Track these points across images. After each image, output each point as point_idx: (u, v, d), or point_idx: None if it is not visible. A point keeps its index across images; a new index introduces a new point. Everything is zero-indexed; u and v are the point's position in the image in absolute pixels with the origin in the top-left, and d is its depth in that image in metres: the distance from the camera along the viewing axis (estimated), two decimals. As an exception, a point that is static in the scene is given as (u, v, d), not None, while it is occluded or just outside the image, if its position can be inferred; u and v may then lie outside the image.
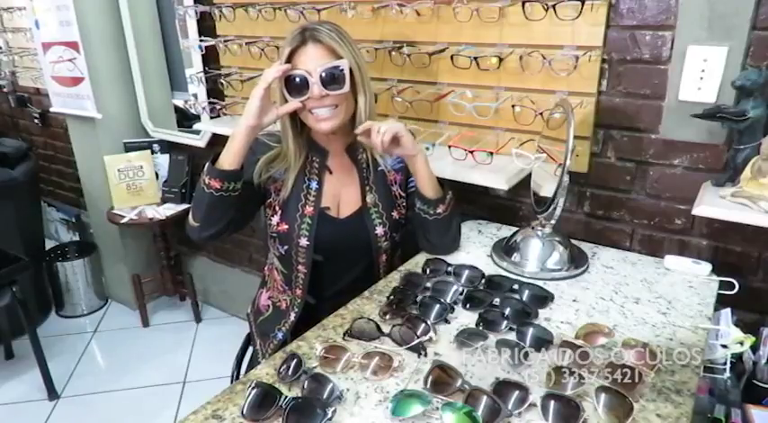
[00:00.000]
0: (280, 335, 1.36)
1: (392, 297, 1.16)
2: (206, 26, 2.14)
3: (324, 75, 1.15)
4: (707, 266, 1.26)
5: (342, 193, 1.34)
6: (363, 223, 1.33)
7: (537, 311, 1.12)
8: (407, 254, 1.41)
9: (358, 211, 1.33)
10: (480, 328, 1.06)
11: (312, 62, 1.16)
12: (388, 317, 1.11)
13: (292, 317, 1.35)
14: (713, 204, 1.17)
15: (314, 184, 1.31)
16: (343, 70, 1.17)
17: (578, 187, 1.50)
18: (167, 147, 2.63)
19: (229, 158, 1.18)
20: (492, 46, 1.48)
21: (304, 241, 1.29)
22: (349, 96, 1.21)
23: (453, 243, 1.39)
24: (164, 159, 2.64)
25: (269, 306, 1.43)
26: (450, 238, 1.37)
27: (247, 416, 0.85)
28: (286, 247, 1.32)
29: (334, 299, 1.25)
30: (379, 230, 1.33)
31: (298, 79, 1.16)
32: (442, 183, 1.32)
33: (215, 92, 2.21)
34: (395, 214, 1.35)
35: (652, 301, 1.16)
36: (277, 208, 1.31)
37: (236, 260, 2.68)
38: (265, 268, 1.48)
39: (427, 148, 1.57)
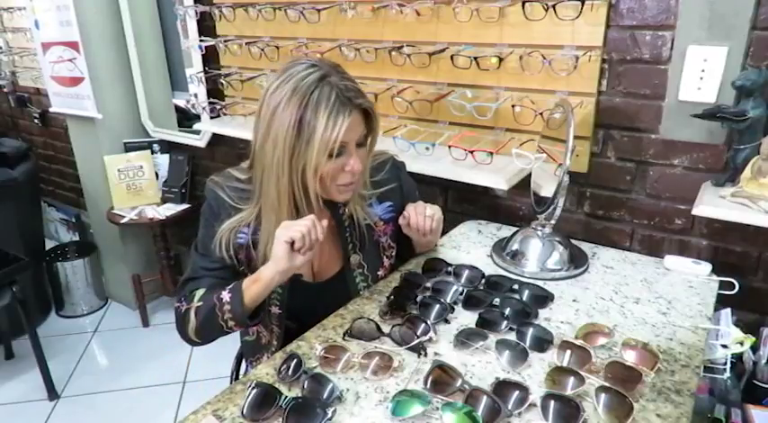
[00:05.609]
0: (264, 358, 1.29)
1: (392, 297, 1.16)
2: (206, 26, 2.15)
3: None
4: (707, 266, 1.26)
5: (319, 254, 1.19)
6: (345, 287, 1.21)
7: (537, 311, 1.12)
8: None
9: (339, 273, 1.21)
10: (480, 328, 1.06)
11: (353, 133, 1.02)
12: (388, 317, 1.11)
13: (266, 357, 1.27)
14: (713, 204, 1.17)
15: None
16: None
17: (578, 187, 1.50)
18: (167, 147, 2.63)
19: (257, 303, 1.07)
20: (492, 46, 1.48)
21: (275, 309, 1.19)
22: None
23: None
24: (164, 159, 2.64)
25: (254, 331, 1.33)
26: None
27: (247, 416, 0.85)
28: (258, 309, 1.22)
29: None
30: (365, 294, 1.22)
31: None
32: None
33: (215, 92, 2.21)
34: (381, 272, 1.25)
35: (652, 301, 1.16)
36: (248, 274, 1.14)
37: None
38: None
39: (427, 148, 1.57)
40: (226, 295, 1.05)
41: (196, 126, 2.34)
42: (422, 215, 1.16)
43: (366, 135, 1.07)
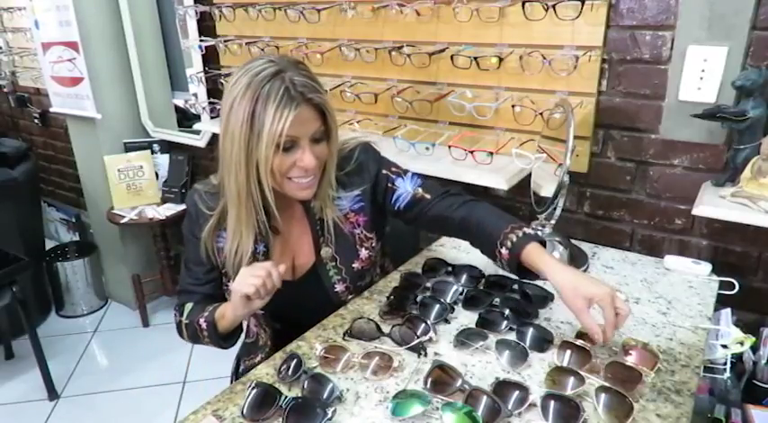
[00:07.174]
0: (257, 359, 1.29)
1: (392, 297, 1.16)
2: (206, 26, 2.15)
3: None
4: (707, 266, 1.26)
5: (296, 250, 1.20)
6: (320, 282, 1.19)
7: (537, 311, 1.12)
8: (405, 254, 1.40)
9: (312, 268, 1.20)
10: (480, 328, 1.06)
11: (303, 128, 1.00)
12: (388, 317, 1.11)
13: (259, 357, 1.28)
14: (713, 204, 1.17)
15: (261, 248, 1.15)
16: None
17: (578, 187, 1.50)
18: (167, 147, 2.63)
19: (230, 331, 1.15)
20: (492, 46, 1.48)
21: (258, 311, 1.16)
22: None
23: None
24: (164, 159, 2.64)
25: (254, 333, 1.33)
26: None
27: (247, 416, 0.85)
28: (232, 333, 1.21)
29: None
30: (339, 287, 1.20)
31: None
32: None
33: (215, 92, 2.21)
34: (356, 265, 1.20)
35: (652, 301, 1.16)
36: (231, 273, 1.16)
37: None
38: None
39: (427, 148, 1.57)
40: (203, 323, 1.13)
41: (196, 126, 2.34)
42: (621, 317, 0.94)
43: (327, 132, 1.06)
